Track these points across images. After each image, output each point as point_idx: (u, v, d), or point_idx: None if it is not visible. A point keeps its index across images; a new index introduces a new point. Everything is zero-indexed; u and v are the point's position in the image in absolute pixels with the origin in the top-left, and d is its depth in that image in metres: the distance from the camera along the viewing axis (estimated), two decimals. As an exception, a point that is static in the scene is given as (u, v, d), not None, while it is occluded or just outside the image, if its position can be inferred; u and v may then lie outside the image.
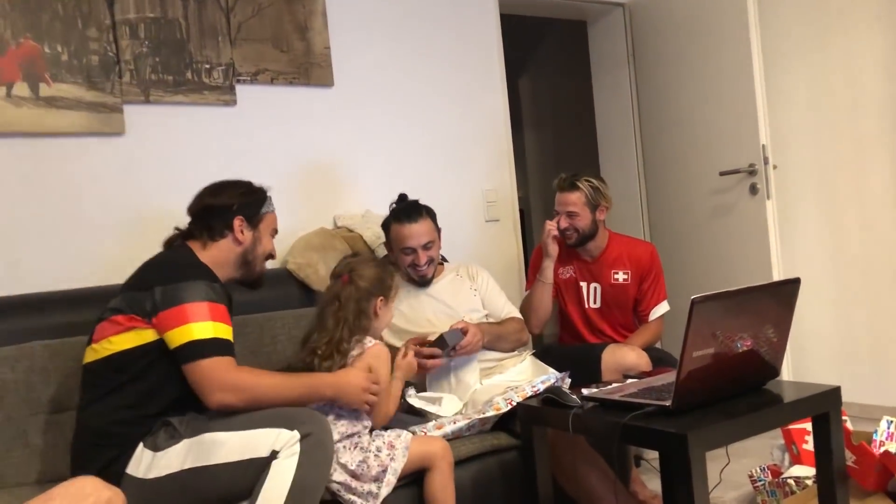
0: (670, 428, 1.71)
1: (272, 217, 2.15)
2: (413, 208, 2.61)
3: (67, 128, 2.50)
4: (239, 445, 1.76)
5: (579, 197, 2.83)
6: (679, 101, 3.79)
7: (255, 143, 2.91)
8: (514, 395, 2.20)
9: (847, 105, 3.45)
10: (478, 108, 3.53)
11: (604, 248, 2.92)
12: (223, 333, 1.83)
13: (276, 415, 1.81)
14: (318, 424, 1.80)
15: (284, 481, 1.71)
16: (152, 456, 1.81)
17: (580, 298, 2.94)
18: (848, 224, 3.50)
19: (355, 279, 2.15)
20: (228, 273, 2.06)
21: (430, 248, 2.59)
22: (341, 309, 2.11)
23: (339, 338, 2.07)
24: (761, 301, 1.90)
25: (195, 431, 1.81)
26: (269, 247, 2.14)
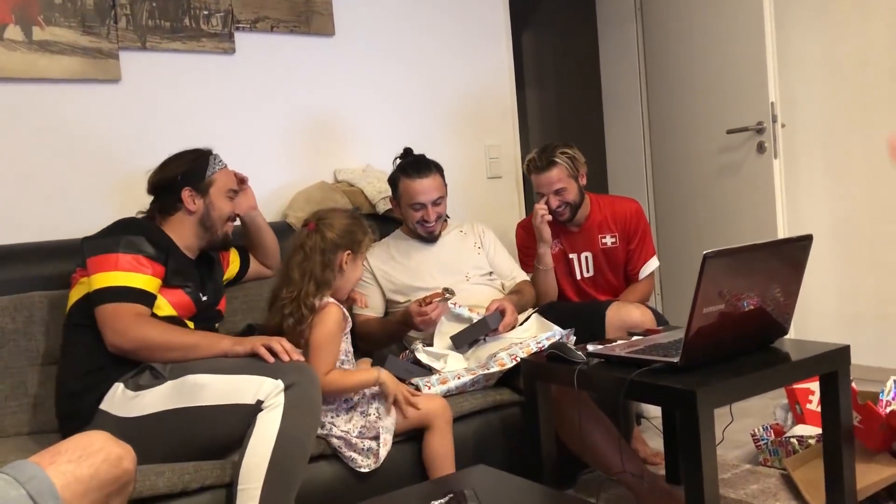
0: (679, 384, 1.69)
1: (222, 177, 2.13)
2: (423, 163, 2.56)
3: (62, 73, 2.44)
4: (223, 389, 1.76)
5: (561, 171, 2.71)
6: (687, 58, 3.72)
7: (253, 93, 2.84)
8: (518, 352, 2.17)
9: (857, 64, 3.39)
10: (482, 61, 3.45)
11: (588, 214, 2.83)
12: (129, 282, 1.89)
13: (257, 363, 1.81)
14: (303, 374, 1.78)
15: (271, 433, 1.70)
16: (134, 395, 1.81)
17: (571, 270, 2.86)
18: (855, 184, 3.45)
19: (322, 228, 2.05)
20: (193, 242, 2.10)
21: (440, 203, 2.56)
22: (306, 259, 2.02)
23: (307, 292, 1.98)
24: (772, 258, 1.87)
25: (179, 373, 1.81)
26: (227, 208, 2.13)
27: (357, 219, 2.15)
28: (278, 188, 2.87)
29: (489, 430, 2.19)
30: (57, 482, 1.25)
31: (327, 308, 2.00)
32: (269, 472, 1.68)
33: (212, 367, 1.81)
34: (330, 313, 1.99)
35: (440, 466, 1.97)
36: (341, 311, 2.04)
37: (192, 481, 1.72)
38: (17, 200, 2.39)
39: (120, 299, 1.87)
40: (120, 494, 1.42)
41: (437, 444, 1.98)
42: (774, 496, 2.27)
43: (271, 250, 2.42)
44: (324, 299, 2.01)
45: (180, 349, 1.86)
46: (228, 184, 2.14)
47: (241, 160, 2.79)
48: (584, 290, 2.89)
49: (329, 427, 1.93)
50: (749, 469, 2.49)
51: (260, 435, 1.71)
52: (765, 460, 2.51)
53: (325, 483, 1.90)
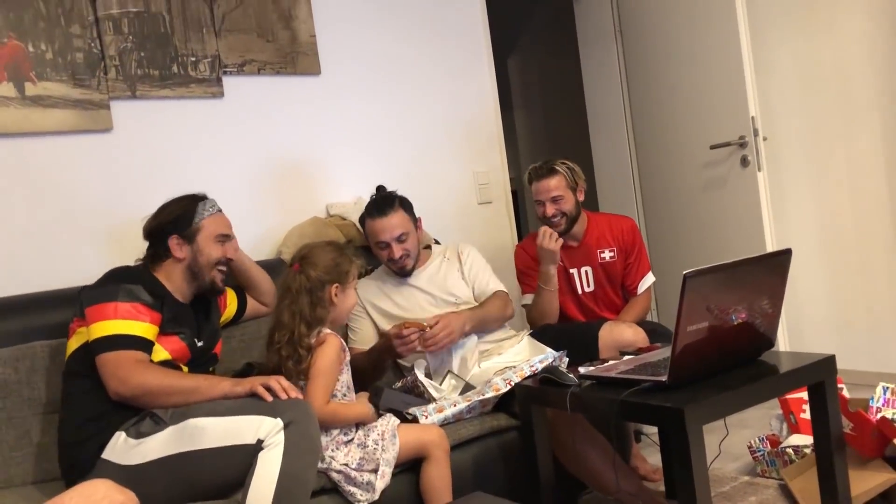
0: (667, 403, 1.72)
1: (211, 223, 2.14)
2: (385, 201, 2.55)
3: (55, 126, 2.49)
4: (223, 431, 1.79)
5: (560, 180, 2.80)
6: (668, 76, 3.79)
7: (244, 135, 2.90)
8: (512, 376, 2.21)
9: (835, 74, 3.45)
10: (466, 90, 3.52)
11: (585, 229, 2.91)
12: (127, 329, 1.93)
13: (256, 402, 1.84)
14: (301, 411, 1.80)
15: (272, 472, 1.72)
16: (136, 443, 1.84)
17: (572, 286, 2.92)
18: (840, 193, 3.51)
19: (306, 267, 2.07)
20: (184, 288, 2.13)
21: (405, 240, 2.54)
22: (294, 302, 2.04)
23: (300, 333, 2.00)
24: (754, 273, 1.91)
25: (179, 418, 1.84)
26: (215, 254, 2.13)
27: (340, 250, 2.17)
28: (272, 226, 2.92)
29: (488, 456, 2.22)
30: (62, 532, 1.29)
31: (326, 340, 2.03)
32: None
33: (211, 410, 1.84)
34: (329, 344, 2.03)
35: (438, 497, 1.99)
36: (339, 341, 2.08)
37: (195, 524, 1.76)
38: (15, 252, 2.43)
39: (120, 347, 1.91)
40: (124, 540, 1.45)
41: (434, 474, 2.01)
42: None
43: (264, 288, 2.45)
44: (321, 333, 2.05)
45: (181, 393, 1.90)
46: (218, 229, 2.16)
47: (234, 200, 2.84)
48: (586, 304, 2.93)
49: (329, 461, 1.96)
50: (747, 481, 2.52)
51: (262, 474, 1.72)
52: (762, 471, 2.54)
53: (326, 517, 1.92)
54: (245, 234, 2.83)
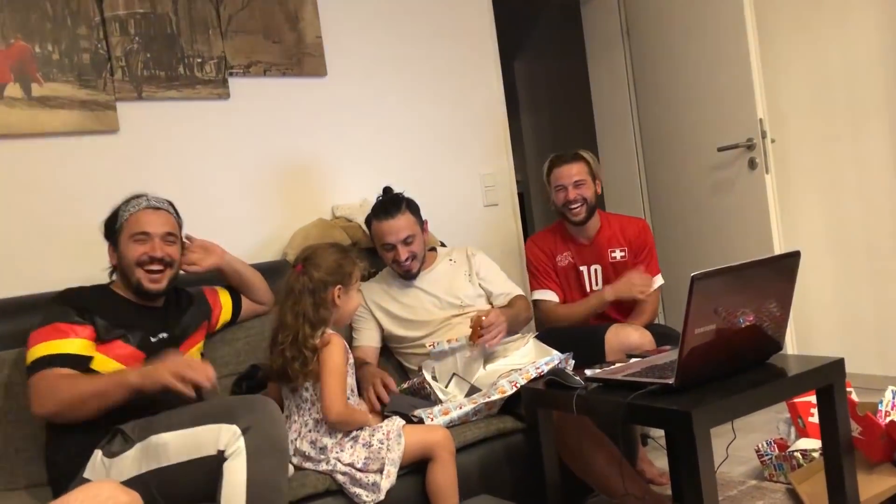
0: (674, 406, 1.71)
1: (131, 222, 2.09)
2: (392, 203, 2.56)
3: (61, 127, 2.50)
4: (184, 444, 1.76)
5: (583, 167, 2.84)
6: (675, 78, 3.77)
7: (249, 136, 2.90)
8: (518, 378, 2.19)
9: (844, 76, 3.43)
10: (473, 92, 3.51)
11: (598, 228, 2.92)
12: (49, 350, 1.92)
13: (214, 409, 1.81)
14: (258, 413, 1.76)
15: (239, 481, 1.69)
16: (110, 463, 1.83)
17: (581, 283, 2.92)
18: (848, 195, 3.48)
19: (309, 269, 2.07)
20: (128, 293, 2.11)
21: (412, 242, 2.54)
22: (297, 303, 2.03)
23: (304, 335, 2.00)
24: (762, 276, 1.90)
25: (143, 435, 1.82)
26: (133, 254, 2.06)
27: (344, 252, 2.16)
28: (277, 227, 2.91)
29: (493, 459, 2.21)
30: (66, 532, 1.29)
31: (331, 341, 2.03)
32: None
33: (170, 424, 1.80)
34: (335, 345, 2.03)
35: (443, 498, 1.98)
36: (343, 342, 2.08)
37: (199, 524, 1.75)
38: (20, 253, 2.43)
39: (40, 368, 1.90)
40: (128, 542, 1.44)
41: (440, 475, 2.00)
42: (781, 511, 2.28)
43: (257, 287, 2.44)
44: (325, 334, 2.05)
45: (94, 397, 1.85)
46: (135, 227, 2.08)
47: (239, 201, 2.85)
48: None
49: (334, 462, 1.95)
50: (755, 485, 2.50)
51: (230, 485, 1.69)
52: (770, 475, 2.52)
53: (331, 519, 1.92)
54: (250, 235, 2.84)
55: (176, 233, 2.16)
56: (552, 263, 2.93)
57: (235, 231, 2.80)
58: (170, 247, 2.12)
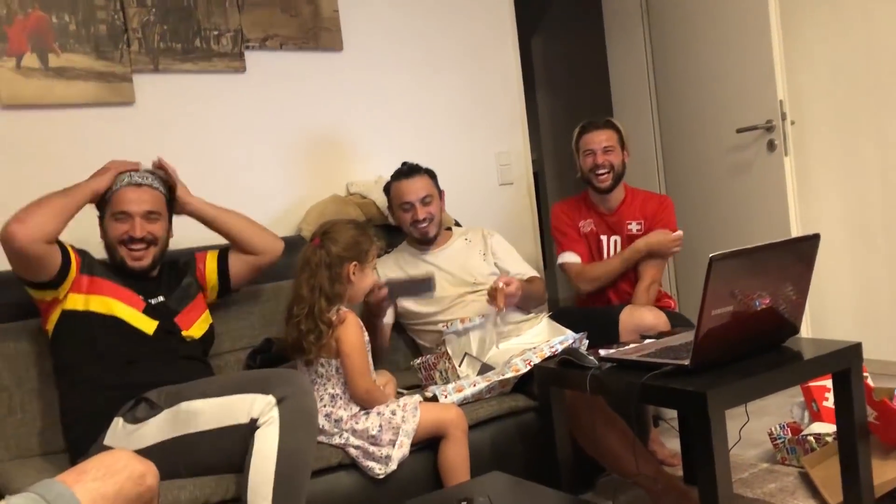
0: (689, 387, 1.70)
1: (115, 199, 2.08)
2: (412, 167, 2.64)
3: (77, 98, 2.49)
4: (217, 413, 1.78)
5: (613, 134, 2.87)
6: (695, 58, 3.72)
7: (265, 110, 2.89)
8: (532, 356, 2.19)
9: (866, 58, 3.38)
10: (490, 69, 3.48)
11: (622, 200, 2.92)
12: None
13: (249, 380, 1.84)
14: (294, 385, 1.79)
15: (271, 449, 1.71)
16: (134, 428, 1.85)
17: (600, 251, 2.94)
18: (868, 179, 3.44)
19: (326, 243, 2.07)
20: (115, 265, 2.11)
21: (429, 203, 2.59)
22: (313, 276, 2.04)
23: (320, 308, 2.00)
24: (780, 258, 1.88)
25: (172, 402, 1.84)
26: (114, 234, 2.07)
27: (362, 229, 2.17)
28: (292, 203, 2.91)
29: (505, 437, 2.21)
30: (83, 499, 1.30)
31: (346, 318, 2.04)
32: (276, 488, 1.69)
33: (203, 392, 1.83)
34: (351, 323, 2.04)
35: (456, 475, 1.99)
36: (358, 319, 2.09)
37: (213, 494, 1.76)
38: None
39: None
40: (143, 510, 1.46)
41: (452, 453, 2.01)
42: (792, 494, 2.27)
43: (247, 234, 2.29)
44: (340, 310, 2.05)
45: (54, 204, 1.95)
46: (115, 206, 2.07)
47: (254, 176, 2.85)
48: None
49: (347, 436, 1.96)
50: (767, 468, 2.49)
51: (260, 452, 1.71)
52: (782, 459, 2.51)
53: (342, 493, 1.93)
54: (264, 210, 2.83)
55: (159, 209, 2.12)
56: (576, 227, 2.96)
57: (249, 205, 2.76)
58: (152, 224, 2.09)
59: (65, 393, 2.02)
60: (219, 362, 2.36)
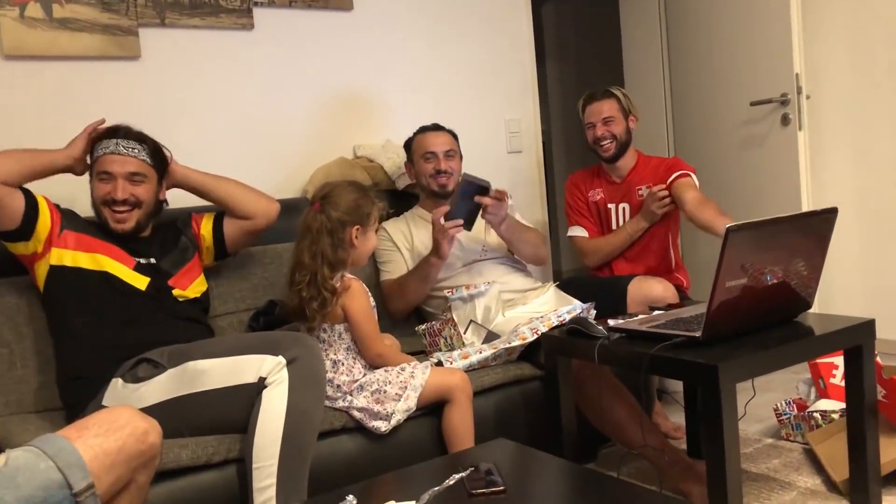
0: (700, 359, 1.68)
1: (98, 163, 2.05)
2: (436, 125, 2.68)
3: (82, 50, 2.44)
4: (224, 372, 1.76)
5: (614, 103, 2.85)
6: (710, 28, 3.65)
7: (272, 69, 2.83)
8: (539, 325, 2.17)
9: (885, 34, 3.31)
10: (502, 35, 3.42)
11: (632, 167, 2.90)
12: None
13: (259, 340, 1.82)
14: (304, 348, 1.77)
15: (279, 409, 1.70)
16: (135, 388, 1.82)
17: (608, 219, 2.92)
18: (881, 157, 3.39)
19: (327, 207, 2.01)
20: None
21: (452, 157, 2.63)
22: (315, 242, 1.99)
23: (323, 276, 1.96)
24: (796, 231, 1.85)
25: (178, 361, 1.82)
26: (98, 193, 2.05)
27: (363, 191, 2.11)
28: (298, 164, 2.87)
29: (510, 405, 2.20)
30: (84, 455, 1.28)
31: (351, 285, 2.01)
32: (283, 448, 1.68)
33: (211, 352, 1.82)
34: (357, 289, 2.02)
35: (460, 441, 1.98)
36: (363, 285, 2.06)
37: (215, 453, 1.75)
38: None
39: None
40: (146, 468, 1.45)
41: (457, 418, 1.99)
42: (797, 470, 2.26)
43: (238, 198, 2.24)
44: (344, 277, 2.02)
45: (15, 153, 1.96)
46: (99, 166, 2.04)
47: (260, 137, 2.80)
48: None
49: (350, 400, 1.94)
50: (771, 443, 2.48)
51: (268, 412, 1.70)
52: (787, 435, 2.50)
53: (345, 456, 1.91)
54: (270, 171, 2.80)
55: (145, 171, 2.06)
56: (585, 199, 2.96)
57: (255, 166, 2.76)
58: (136, 186, 2.04)
59: (60, 350, 2.00)
60: (220, 323, 2.34)
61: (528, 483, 1.43)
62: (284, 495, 1.69)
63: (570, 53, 5.49)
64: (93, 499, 1.26)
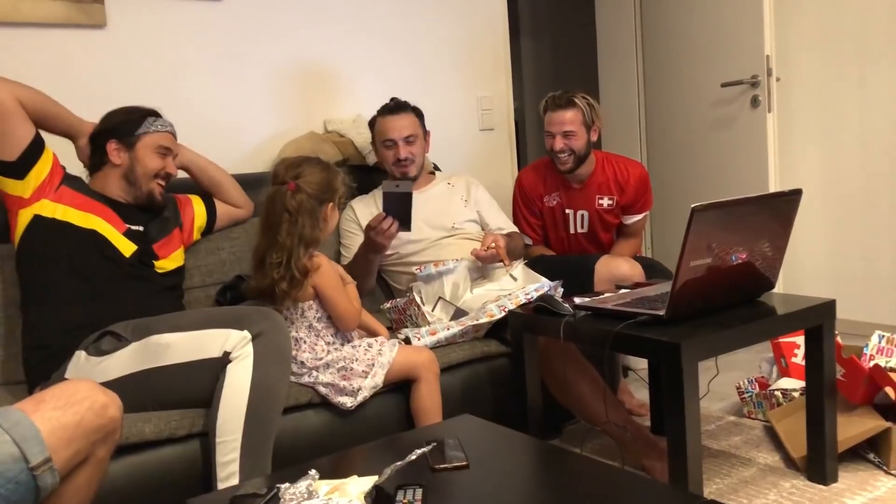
0: (663, 337, 1.70)
1: (153, 138, 2.09)
2: (399, 103, 2.58)
3: (45, 17, 2.38)
4: (188, 346, 1.75)
5: (576, 115, 2.71)
6: (684, 8, 3.66)
7: (241, 40, 2.79)
8: (507, 303, 2.18)
9: (854, 18, 3.34)
10: (475, 10, 3.39)
11: (591, 172, 2.83)
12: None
13: (224, 315, 1.80)
14: (270, 321, 1.76)
15: (243, 384, 1.69)
16: (98, 361, 1.80)
17: (566, 224, 2.89)
18: (848, 140, 3.44)
19: (303, 186, 1.97)
20: (118, 195, 2.08)
21: (413, 142, 2.54)
22: (294, 222, 1.94)
23: (297, 255, 1.93)
24: (761, 211, 1.87)
25: (141, 335, 1.80)
26: (153, 165, 2.09)
27: (329, 167, 2.09)
28: (267, 138, 2.84)
29: (477, 381, 2.21)
30: (42, 428, 1.26)
31: (320, 263, 1.98)
32: (247, 423, 1.68)
33: (175, 325, 1.80)
34: (325, 267, 1.99)
35: (428, 417, 1.98)
36: (329, 260, 2.04)
37: (178, 428, 1.73)
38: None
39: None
40: (105, 442, 1.42)
41: (424, 395, 1.99)
42: (757, 447, 2.30)
43: (227, 187, 2.38)
44: (313, 256, 1.99)
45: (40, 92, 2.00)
46: (159, 140, 2.10)
47: (228, 109, 2.77)
48: (575, 243, 2.91)
49: (315, 376, 1.94)
50: (733, 421, 2.52)
51: (232, 386, 1.69)
52: (749, 413, 2.54)
53: (311, 431, 1.91)
54: (238, 144, 2.77)
55: (174, 148, 2.19)
56: (538, 206, 2.90)
57: (223, 139, 2.73)
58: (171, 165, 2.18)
59: (28, 314, 1.95)
60: (188, 297, 2.31)
61: (491, 458, 1.44)
62: (248, 469, 1.68)
63: (545, 31, 5.47)
64: (50, 473, 1.25)
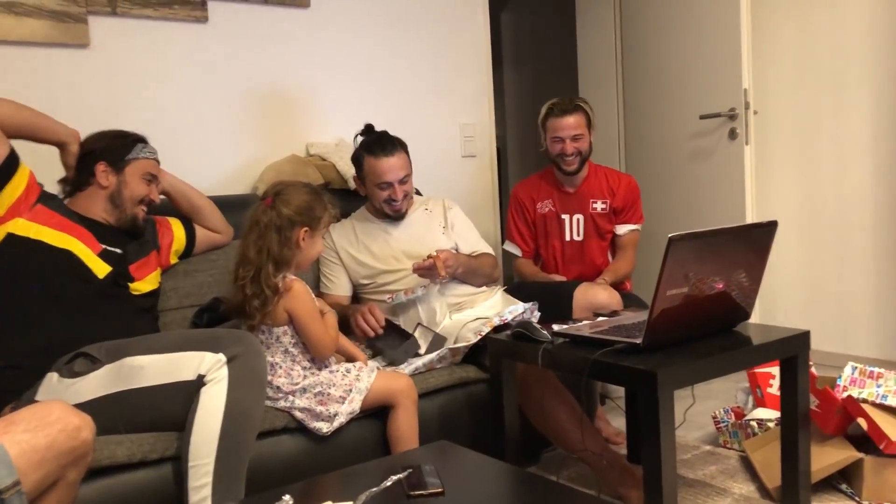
0: (640, 365, 1.70)
1: (142, 164, 2.12)
2: (388, 140, 2.50)
3: (28, 36, 2.38)
4: (163, 369, 1.74)
5: (582, 118, 2.83)
6: (664, 41, 3.72)
7: (226, 64, 2.80)
8: (482, 328, 2.18)
9: (830, 53, 3.42)
10: (459, 38, 3.43)
11: (584, 177, 2.92)
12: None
13: (199, 337, 1.79)
14: (245, 345, 1.75)
15: (217, 407, 1.68)
16: (71, 382, 1.78)
17: (561, 231, 2.93)
18: (824, 173, 3.49)
19: (279, 204, 1.96)
20: (101, 216, 2.07)
21: (406, 182, 2.51)
22: (261, 237, 1.94)
23: (267, 273, 1.91)
24: (737, 242, 1.89)
25: (115, 357, 1.78)
26: (139, 191, 2.10)
27: (317, 193, 2.06)
28: (249, 161, 2.84)
29: (454, 407, 2.20)
30: (11, 451, 1.24)
31: (294, 286, 1.96)
32: (221, 447, 1.66)
33: (150, 347, 1.78)
34: (299, 290, 1.97)
35: (404, 444, 1.97)
36: (305, 285, 2.02)
37: (151, 451, 1.71)
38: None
39: None
40: (77, 465, 1.41)
41: (402, 422, 1.98)
42: (732, 477, 2.31)
43: (208, 212, 2.38)
44: (287, 278, 1.98)
45: (21, 105, 1.98)
46: (147, 167, 2.12)
47: (212, 130, 2.77)
48: (571, 250, 2.95)
49: (291, 400, 1.92)
50: (709, 450, 2.53)
51: (206, 409, 1.68)
52: (724, 442, 2.55)
53: (286, 456, 1.90)
54: (220, 166, 2.77)
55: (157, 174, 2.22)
56: (531, 214, 2.94)
57: (205, 161, 2.73)
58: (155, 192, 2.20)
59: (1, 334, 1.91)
60: (165, 319, 2.30)
61: (467, 485, 1.44)
62: (220, 494, 1.66)
63: (527, 60, 5.54)
64: (18, 496, 1.23)
